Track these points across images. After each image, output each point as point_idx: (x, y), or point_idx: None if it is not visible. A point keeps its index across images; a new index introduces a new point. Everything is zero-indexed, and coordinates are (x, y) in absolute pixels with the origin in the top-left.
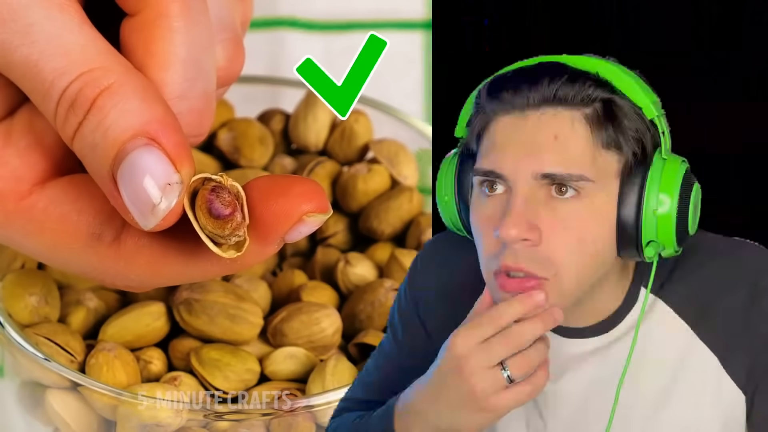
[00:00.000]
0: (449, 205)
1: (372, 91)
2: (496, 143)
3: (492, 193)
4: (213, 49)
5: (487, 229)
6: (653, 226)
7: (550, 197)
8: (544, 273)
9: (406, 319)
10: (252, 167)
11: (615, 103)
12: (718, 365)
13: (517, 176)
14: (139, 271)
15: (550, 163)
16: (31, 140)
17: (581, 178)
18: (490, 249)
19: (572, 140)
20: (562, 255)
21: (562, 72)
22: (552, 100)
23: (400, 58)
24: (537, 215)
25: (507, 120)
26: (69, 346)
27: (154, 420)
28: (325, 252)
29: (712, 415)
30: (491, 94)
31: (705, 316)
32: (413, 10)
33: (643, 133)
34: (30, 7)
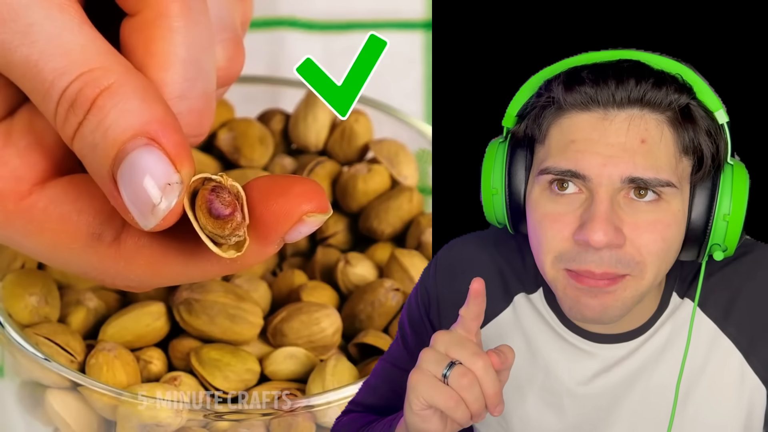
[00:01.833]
0: (498, 198)
1: (372, 91)
2: (575, 141)
3: (562, 191)
4: (213, 49)
5: (558, 228)
6: (723, 230)
7: (630, 200)
8: (627, 270)
9: (416, 325)
10: (252, 167)
11: (694, 107)
12: (742, 359)
13: (602, 179)
14: (139, 271)
15: (639, 167)
16: (31, 140)
17: (668, 183)
18: (563, 250)
19: (658, 145)
20: (645, 254)
21: (647, 73)
22: (640, 102)
23: (400, 58)
24: (620, 218)
25: (586, 117)
26: (69, 346)
27: (154, 420)
28: (325, 252)
29: (735, 407)
30: (568, 87)
31: (730, 313)
32: (413, 10)
33: (715, 139)
34: (30, 7)
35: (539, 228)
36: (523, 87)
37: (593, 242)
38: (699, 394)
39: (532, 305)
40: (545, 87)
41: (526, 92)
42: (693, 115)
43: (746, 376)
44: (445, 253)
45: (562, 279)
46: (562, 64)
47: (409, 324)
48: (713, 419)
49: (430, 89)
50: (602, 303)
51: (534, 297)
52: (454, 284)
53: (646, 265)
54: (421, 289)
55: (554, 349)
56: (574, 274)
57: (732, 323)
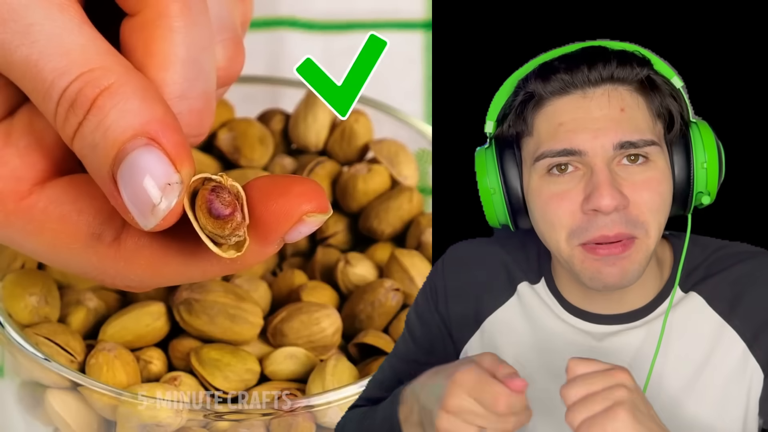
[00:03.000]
0: (497, 196)
1: (372, 91)
2: (563, 124)
3: (562, 173)
4: (213, 49)
5: (566, 205)
6: (704, 177)
7: (624, 166)
8: (636, 232)
9: (424, 318)
10: (252, 167)
11: (654, 77)
12: (745, 348)
13: (597, 149)
14: (139, 271)
15: (625, 132)
16: (31, 140)
17: (652, 142)
18: (574, 224)
19: (636, 111)
20: (647, 212)
21: (611, 54)
22: (611, 78)
23: (400, 58)
24: (620, 183)
25: (567, 100)
26: (69, 346)
27: (154, 420)
28: (325, 252)
29: (737, 394)
30: (544, 78)
31: (736, 307)
32: (413, 10)
33: (678, 101)
34: (30, 7)
35: (547, 209)
36: (498, 93)
37: (603, 207)
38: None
39: (536, 294)
40: (521, 85)
41: (502, 97)
42: (656, 83)
43: (748, 363)
44: (452, 250)
45: (578, 254)
46: (531, 64)
47: (417, 317)
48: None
49: (430, 89)
50: (621, 268)
51: (537, 287)
52: (460, 275)
53: (649, 223)
54: (428, 285)
55: (558, 332)
56: (590, 247)
57: (737, 316)
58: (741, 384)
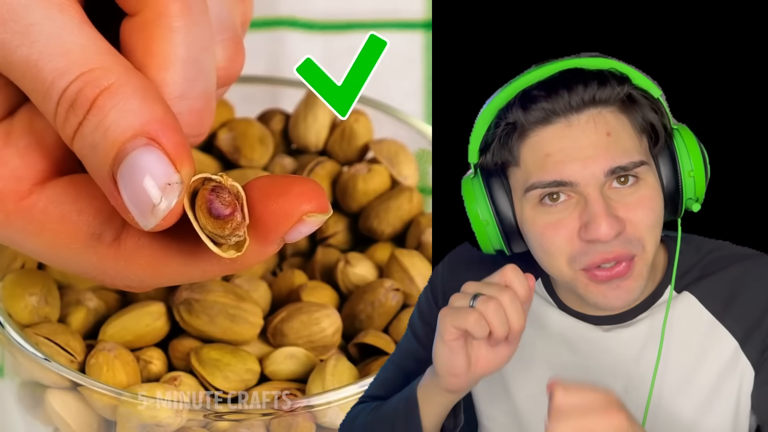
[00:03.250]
0: (491, 227)
1: (372, 91)
2: (551, 155)
3: (554, 203)
4: (213, 49)
5: (563, 233)
6: (692, 185)
7: (616, 189)
8: (634, 250)
9: (427, 318)
10: (252, 167)
11: (634, 93)
12: (737, 347)
13: (588, 179)
14: (139, 271)
15: (615, 157)
16: (31, 140)
17: (642, 162)
18: (571, 248)
19: (622, 133)
20: (642, 230)
21: (589, 76)
22: (593, 102)
23: (400, 58)
24: (614, 207)
25: (551, 129)
26: (69, 346)
27: (154, 420)
28: (325, 252)
29: (728, 391)
30: (525, 108)
31: (728, 307)
32: (413, 10)
33: (657, 112)
34: (30, 7)
35: (543, 238)
36: (477, 121)
37: (602, 237)
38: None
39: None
40: (502, 115)
41: (482, 126)
42: (636, 98)
43: (740, 362)
44: (452, 253)
45: (581, 279)
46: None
47: (419, 317)
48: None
49: (430, 89)
50: (625, 289)
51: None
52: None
53: (646, 239)
54: (430, 287)
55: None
56: (592, 274)
57: (730, 316)
58: (732, 382)
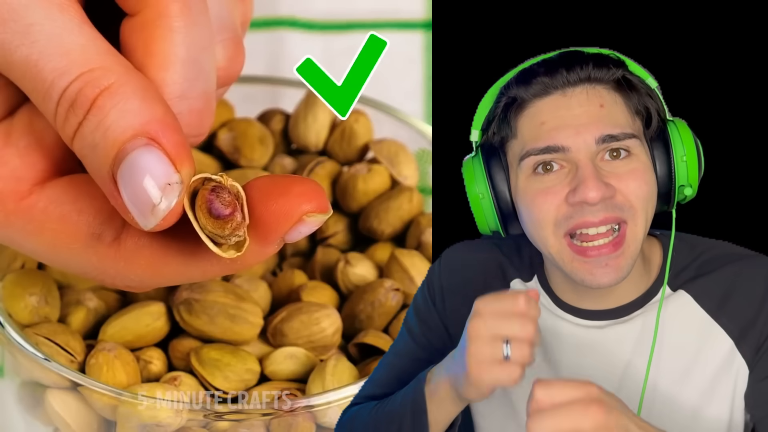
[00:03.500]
0: (486, 200)
1: (372, 91)
2: (546, 122)
3: (547, 172)
4: (213, 49)
5: (551, 199)
6: (684, 170)
7: (607, 161)
8: (624, 215)
9: (423, 316)
10: (252, 167)
11: (630, 77)
12: (732, 345)
13: (580, 144)
14: (139, 271)
15: (606, 126)
16: (31, 140)
17: (633, 135)
18: (558, 215)
19: (615, 107)
20: (634, 199)
21: (587, 57)
22: (588, 79)
23: (400, 58)
24: (605, 176)
25: (548, 100)
26: (69, 346)
27: (154, 420)
28: (325, 252)
29: (725, 389)
30: (525, 82)
31: (724, 306)
32: (413, 10)
33: (654, 100)
34: (30, 7)
35: (533, 205)
36: (482, 102)
37: (589, 199)
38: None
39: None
40: (503, 91)
41: (485, 106)
42: (632, 82)
43: (735, 359)
44: (448, 251)
45: (567, 252)
46: (511, 73)
47: (415, 315)
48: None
49: (430, 89)
50: (614, 266)
51: (530, 285)
52: (456, 274)
53: (637, 210)
54: (426, 285)
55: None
56: (579, 248)
57: (725, 314)
58: (727, 380)
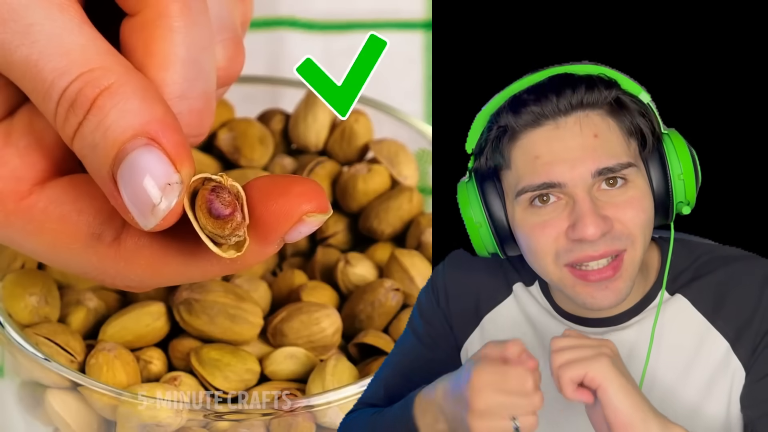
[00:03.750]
0: (484, 228)
1: (372, 91)
2: (540, 157)
3: (544, 204)
4: (213, 49)
5: (549, 232)
6: (681, 188)
7: (604, 191)
8: (623, 245)
9: (427, 316)
10: (252, 167)
11: (622, 97)
12: (728, 348)
13: (576, 180)
14: (139, 271)
15: (602, 158)
16: (31, 140)
17: (630, 164)
18: (559, 248)
19: (609, 135)
20: (632, 227)
21: (577, 81)
22: (581, 105)
23: (400, 58)
24: (602, 207)
25: (540, 132)
26: (69, 346)
27: (154, 420)
28: (325, 252)
29: (721, 391)
30: (515, 111)
31: (720, 308)
32: (413, 10)
33: (646, 117)
34: (30, 7)
35: (531, 239)
36: (472, 127)
37: (588, 237)
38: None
39: (531, 295)
40: (494, 119)
41: (477, 130)
42: (624, 103)
43: (731, 362)
44: (452, 255)
45: (568, 278)
46: (500, 98)
47: (420, 315)
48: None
49: (430, 89)
50: (614, 290)
51: (531, 289)
52: (460, 275)
53: (636, 236)
54: (431, 284)
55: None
56: (580, 273)
57: (721, 317)
58: (724, 383)
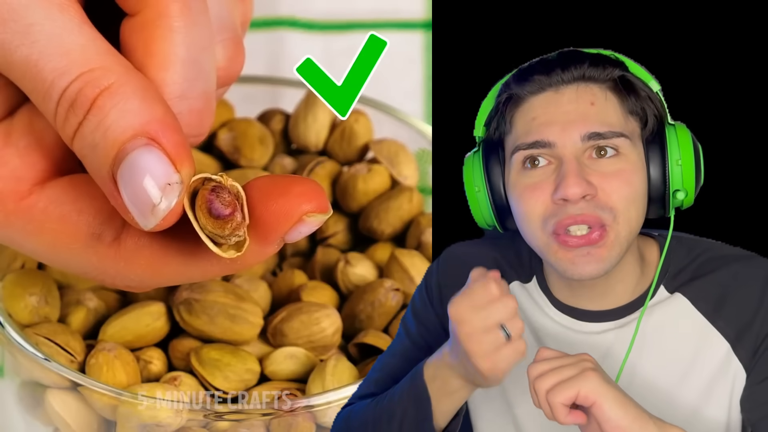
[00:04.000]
0: (481, 194)
1: (372, 91)
2: (536, 118)
3: (534, 167)
4: (213, 49)
5: (537, 194)
6: (679, 174)
7: (594, 159)
8: (604, 216)
9: (421, 316)
10: (252, 167)
11: (630, 78)
12: (729, 349)
13: (566, 140)
14: (139, 271)
15: (593, 123)
16: (31, 140)
17: (621, 134)
18: (545, 212)
19: (606, 105)
20: (616, 199)
21: (585, 57)
22: (583, 78)
23: (400, 58)
24: (588, 173)
25: (541, 97)
26: (69, 346)
27: (154, 420)
28: (325, 252)
29: (722, 393)
30: (523, 79)
31: (720, 309)
32: (413, 10)
33: (654, 103)
34: (30, 7)
35: (521, 201)
36: (485, 100)
37: (569, 196)
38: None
39: (527, 293)
40: (503, 89)
41: (489, 103)
42: (631, 82)
43: (732, 363)
44: (447, 251)
45: (552, 245)
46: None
47: (413, 315)
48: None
49: (430, 89)
50: (596, 256)
51: (528, 286)
52: (455, 274)
53: (618, 210)
54: (425, 284)
55: (549, 330)
56: (562, 239)
57: (721, 318)
58: (724, 384)
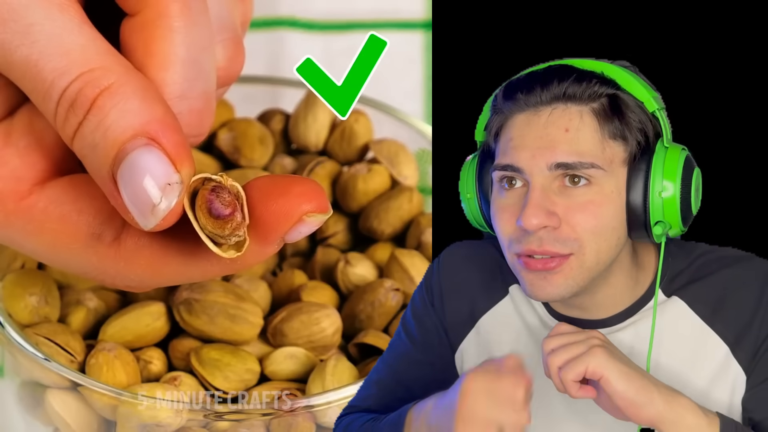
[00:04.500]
0: (472, 201)
1: (372, 91)
2: (512, 140)
3: (511, 188)
4: (213, 49)
5: (507, 217)
6: (660, 207)
7: (564, 187)
8: (567, 250)
9: (421, 318)
10: (252, 167)
11: (619, 98)
12: (728, 351)
13: (533, 168)
14: (139, 271)
15: (562, 153)
16: (31, 140)
17: (592, 165)
18: (512, 235)
19: (582, 132)
20: (580, 232)
21: (570, 72)
22: (562, 97)
23: (400, 58)
24: (553, 203)
25: (521, 117)
26: (69, 346)
27: (154, 420)
28: (325, 252)
29: (721, 396)
30: (506, 97)
31: (718, 311)
32: (413, 10)
33: (645, 125)
34: (30, 7)
35: (495, 218)
36: (487, 103)
37: (527, 226)
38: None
39: (524, 296)
40: (495, 100)
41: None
42: (619, 105)
43: (731, 366)
44: (447, 252)
45: (517, 264)
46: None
47: (413, 315)
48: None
49: (430, 89)
50: (552, 283)
51: None
52: (455, 275)
53: (584, 241)
54: (425, 285)
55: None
56: (524, 260)
57: (719, 320)
58: (724, 387)
